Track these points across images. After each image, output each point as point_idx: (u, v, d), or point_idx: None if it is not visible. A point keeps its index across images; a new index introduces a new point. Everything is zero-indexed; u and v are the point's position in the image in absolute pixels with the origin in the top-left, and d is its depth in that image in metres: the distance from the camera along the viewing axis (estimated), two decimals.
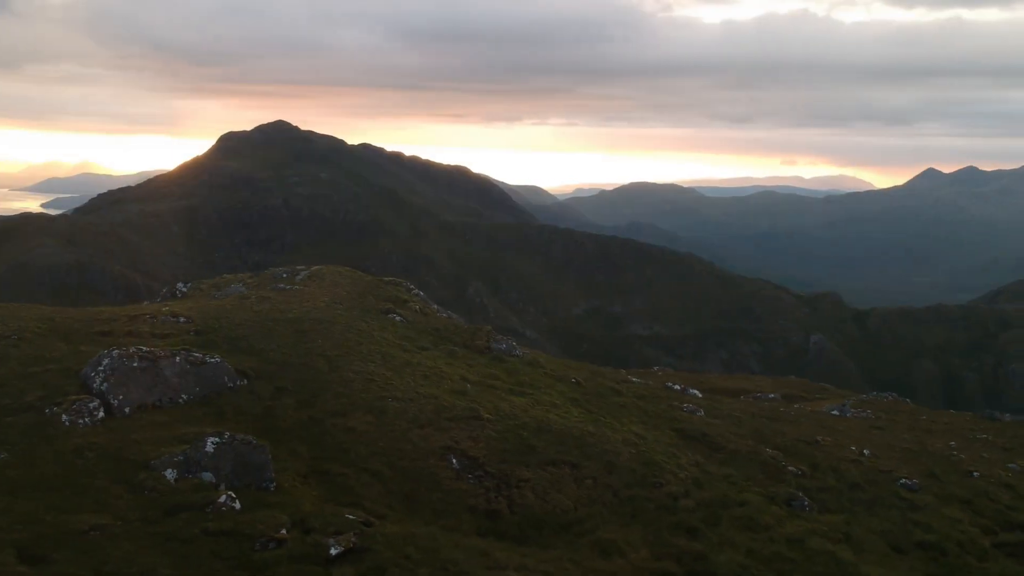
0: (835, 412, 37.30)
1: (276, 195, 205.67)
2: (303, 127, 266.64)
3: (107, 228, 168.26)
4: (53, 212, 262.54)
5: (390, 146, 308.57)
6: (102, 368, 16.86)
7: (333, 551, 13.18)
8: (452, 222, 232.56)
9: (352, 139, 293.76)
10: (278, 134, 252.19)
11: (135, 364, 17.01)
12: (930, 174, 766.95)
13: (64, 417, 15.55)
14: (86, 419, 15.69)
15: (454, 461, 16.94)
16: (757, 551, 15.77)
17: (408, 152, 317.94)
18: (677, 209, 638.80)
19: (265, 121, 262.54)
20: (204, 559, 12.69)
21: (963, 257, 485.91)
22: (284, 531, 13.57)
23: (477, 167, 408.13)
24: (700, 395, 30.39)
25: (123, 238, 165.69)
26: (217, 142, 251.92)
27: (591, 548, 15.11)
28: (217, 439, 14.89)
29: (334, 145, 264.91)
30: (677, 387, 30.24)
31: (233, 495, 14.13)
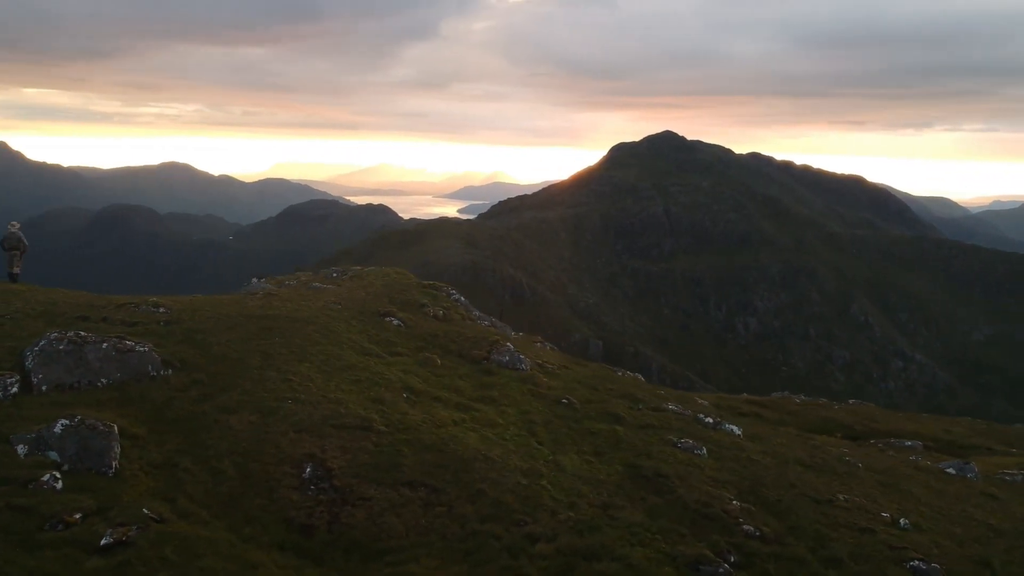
0: (950, 470, 30.93)
1: (657, 203, 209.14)
2: (690, 137, 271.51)
3: (503, 232, 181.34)
4: (464, 217, 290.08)
5: (780, 155, 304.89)
6: (36, 349, 18.83)
7: (103, 541, 13.58)
8: (839, 234, 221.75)
9: (740, 148, 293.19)
10: (664, 144, 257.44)
11: (61, 347, 18.81)
12: None
13: None
14: None
15: (308, 470, 16.62)
16: None
17: (799, 161, 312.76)
18: None
19: (654, 132, 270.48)
20: None
21: None
22: (78, 516, 14.21)
23: (875, 176, 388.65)
24: (737, 431, 26.85)
25: (517, 242, 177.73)
26: (607, 153, 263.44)
27: None
28: (67, 421, 15.97)
29: (719, 155, 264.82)
30: (709, 419, 26.94)
31: (57, 475, 15.08)
